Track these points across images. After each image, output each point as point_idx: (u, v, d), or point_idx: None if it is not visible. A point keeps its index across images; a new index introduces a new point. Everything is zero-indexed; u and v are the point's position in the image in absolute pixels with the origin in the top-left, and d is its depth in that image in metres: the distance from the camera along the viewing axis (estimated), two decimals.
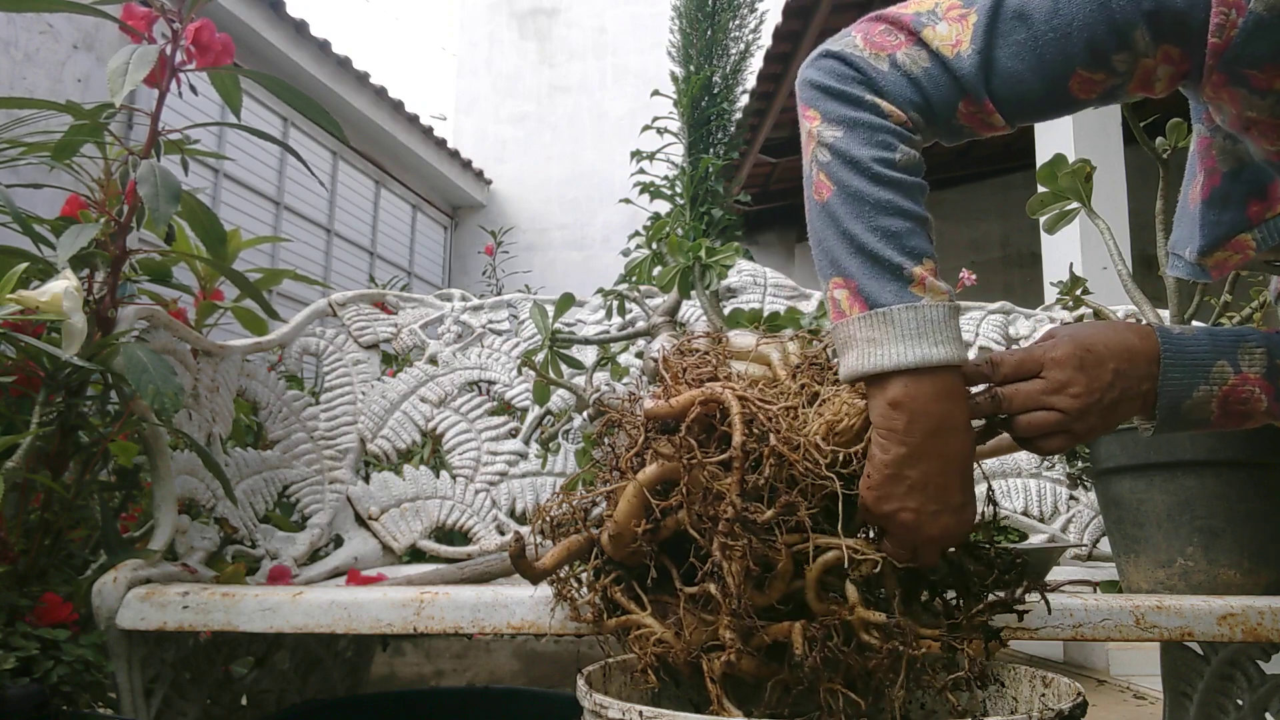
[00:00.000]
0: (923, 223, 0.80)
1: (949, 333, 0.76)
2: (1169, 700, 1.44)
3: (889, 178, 0.78)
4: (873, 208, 0.78)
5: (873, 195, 0.78)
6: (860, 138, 0.79)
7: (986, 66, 0.79)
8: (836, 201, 0.79)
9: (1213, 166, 0.91)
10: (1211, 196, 0.92)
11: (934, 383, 0.76)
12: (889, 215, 0.78)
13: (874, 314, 0.76)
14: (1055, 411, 0.79)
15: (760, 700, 0.82)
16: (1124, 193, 3.67)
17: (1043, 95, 0.80)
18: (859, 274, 0.78)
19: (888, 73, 0.81)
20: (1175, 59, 0.76)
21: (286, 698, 1.54)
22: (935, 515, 0.77)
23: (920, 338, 0.75)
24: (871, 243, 0.77)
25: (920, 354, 0.75)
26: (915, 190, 0.80)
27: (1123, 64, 0.77)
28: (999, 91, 0.80)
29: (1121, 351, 0.80)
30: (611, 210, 8.33)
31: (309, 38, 6.15)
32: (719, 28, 2.04)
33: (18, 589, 1.09)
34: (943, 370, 0.76)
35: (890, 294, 0.76)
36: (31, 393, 1.16)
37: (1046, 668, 0.89)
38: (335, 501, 1.67)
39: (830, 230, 0.80)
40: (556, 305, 1.76)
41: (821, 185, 0.81)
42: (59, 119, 1.23)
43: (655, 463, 0.83)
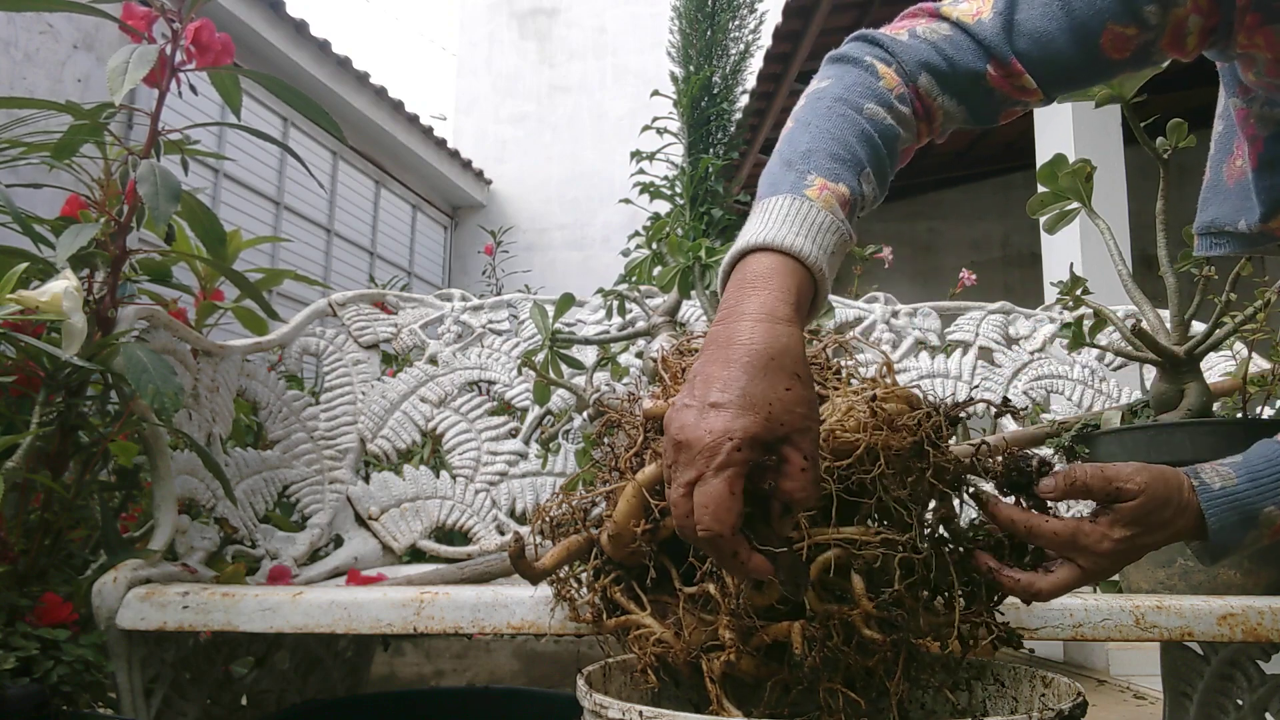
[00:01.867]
0: (854, 163, 0.75)
1: (810, 230, 0.70)
2: (1169, 700, 1.44)
3: (842, 112, 0.76)
4: (813, 132, 0.75)
5: (819, 123, 0.76)
6: (840, 85, 0.78)
7: (1009, 27, 0.79)
8: (788, 131, 0.78)
9: (1254, 134, 0.91)
10: (1261, 163, 0.91)
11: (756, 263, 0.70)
12: (823, 138, 0.75)
13: (759, 203, 0.73)
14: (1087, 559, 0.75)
15: (760, 700, 0.82)
16: (1124, 193, 3.67)
17: (1074, 54, 0.79)
18: (764, 182, 0.75)
19: (904, 40, 0.81)
20: (1205, 8, 0.76)
21: (286, 698, 1.54)
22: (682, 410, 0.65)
23: (781, 223, 0.70)
24: (790, 155, 0.75)
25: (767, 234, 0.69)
26: (864, 136, 0.77)
27: (1154, 15, 0.76)
28: (1028, 52, 0.79)
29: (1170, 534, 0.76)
30: (611, 210, 8.33)
31: (309, 38, 6.15)
32: (719, 28, 2.04)
33: (18, 589, 1.09)
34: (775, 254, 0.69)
35: (785, 188, 0.72)
36: (31, 393, 1.16)
37: (1046, 668, 0.89)
38: (335, 501, 1.67)
39: (774, 158, 0.77)
40: (556, 305, 1.76)
41: (786, 125, 0.79)
42: (59, 119, 1.23)
43: (654, 463, 0.83)
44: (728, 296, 0.69)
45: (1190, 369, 1.17)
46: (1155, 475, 0.76)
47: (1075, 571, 0.76)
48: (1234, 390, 1.31)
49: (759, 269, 0.69)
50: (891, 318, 1.91)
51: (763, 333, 0.65)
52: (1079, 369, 1.84)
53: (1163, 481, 0.76)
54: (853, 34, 0.86)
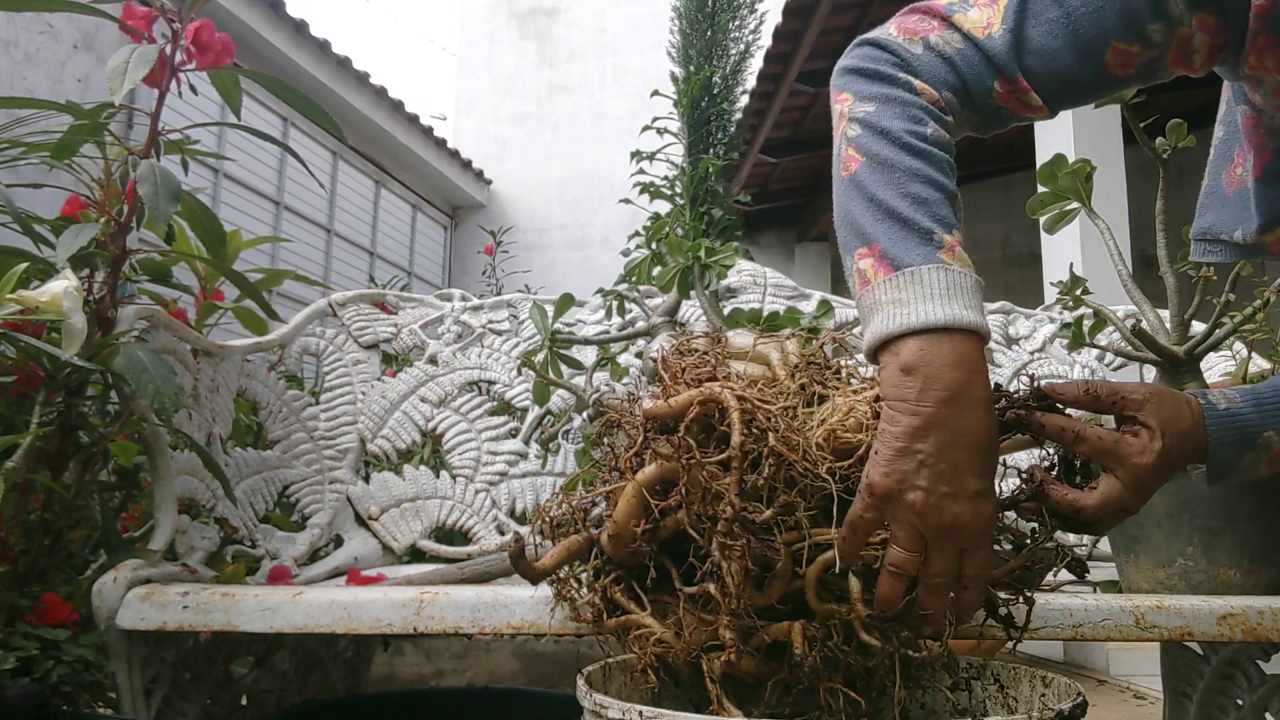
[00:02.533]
0: (952, 198, 0.77)
1: (976, 301, 0.73)
2: (1169, 700, 1.44)
3: (920, 148, 0.77)
4: (903, 174, 0.76)
5: (903, 163, 0.76)
6: (892, 111, 0.79)
7: (1018, 44, 0.79)
8: (865, 171, 0.78)
9: (1262, 144, 0.91)
10: (1265, 174, 0.91)
11: (952, 346, 0.71)
12: (919, 183, 0.76)
13: (901, 274, 0.73)
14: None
15: (760, 700, 0.82)
16: (1124, 193, 3.67)
17: (1079, 71, 0.80)
18: (885, 239, 0.75)
19: (921, 54, 0.82)
20: (1211, 28, 0.76)
21: (286, 698, 1.54)
22: (946, 499, 0.71)
23: (949, 299, 0.72)
24: (901, 208, 0.75)
25: (948, 313, 0.71)
26: (946, 165, 0.78)
27: (1158, 34, 0.77)
28: (1034, 69, 0.80)
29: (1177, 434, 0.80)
30: (611, 210, 8.33)
31: (309, 38, 6.15)
32: (719, 28, 2.04)
33: (18, 589, 1.09)
34: (963, 334, 0.72)
35: (919, 256, 0.73)
36: (31, 393, 1.16)
37: (1046, 668, 0.89)
38: (335, 501, 1.67)
39: (857, 200, 0.78)
40: (556, 305, 1.76)
41: (850, 159, 0.79)
42: (59, 119, 1.23)
43: (654, 463, 0.83)
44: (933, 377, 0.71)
45: (1190, 369, 1.17)
46: (1156, 387, 0.82)
47: (1116, 485, 0.79)
48: None
49: (960, 353, 0.72)
50: None
51: (991, 422, 0.72)
52: (1079, 369, 1.84)
53: (1167, 393, 0.82)
54: (861, 40, 0.86)
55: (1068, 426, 0.80)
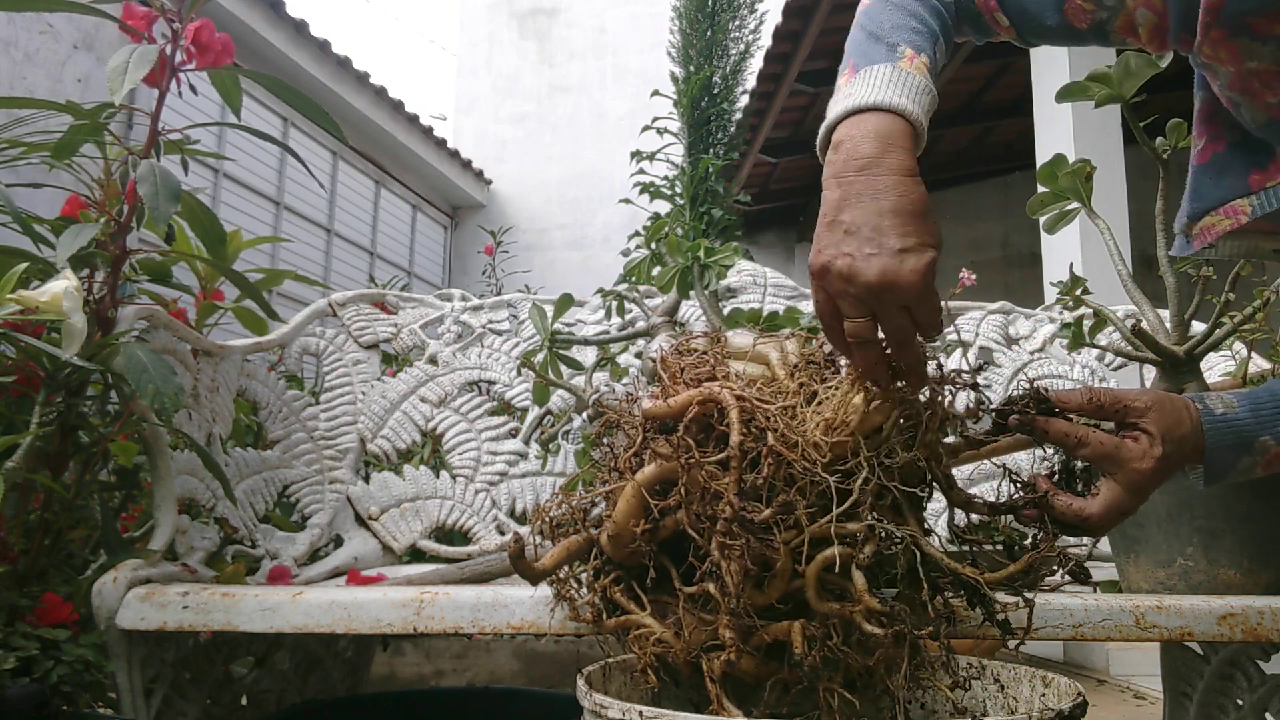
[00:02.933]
0: (934, 36, 0.83)
1: (914, 94, 0.77)
2: (1169, 700, 1.44)
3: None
4: (891, 8, 0.83)
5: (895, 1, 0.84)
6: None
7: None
8: (862, 12, 0.86)
9: (1216, 132, 0.92)
10: (1211, 160, 0.93)
11: (875, 122, 0.75)
12: (902, 14, 0.82)
13: (857, 73, 0.79)
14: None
15: (760, 700, 0.82)
16: (1124, 193, 3.67)
17: (1041, 9, 0.85)
18: (858, 54, 0.81)
19: None
20: (1155, 7, 0.81)
21: (286, 698, 1.54)
22: (869, 259, 0.73)
23: (885, 87, 0.77)
24: (879, 30, 0.82)
25: (875, 96, 0.76)
26: (935, 11, 0.84)
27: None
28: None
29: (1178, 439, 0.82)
30: (611, 210, 8.32)
31: (309, 38, 6.15)
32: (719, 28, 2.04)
33: (18, 589, 1.09)
34: (887, 113, 0.76)
35: (876, 60, 0.79)
36: (31, 393, 1.16)
37: (1046, 668, 0.89)
38: (335, 501, 1.67)
39: (852, 33, 0.84)
40: (556, 305, 1.76)
41: (860, 8, 0.87)
42: (59, 119, 1.23)
43: (654, 463, 0.83)
44: (854, 149, 0.75)
45: (1190, 369, 1.17)
46: (1158, 394, 0.83)
47: (1117, 490, 0.80)
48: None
49: (881, 127, 0.75)
50: None
51: (912, 187, 0.74)
52: (1079, 369, 1.84)
53: (1168, 399, 0.83)
54: None
55: (1070, 432, 0.82)
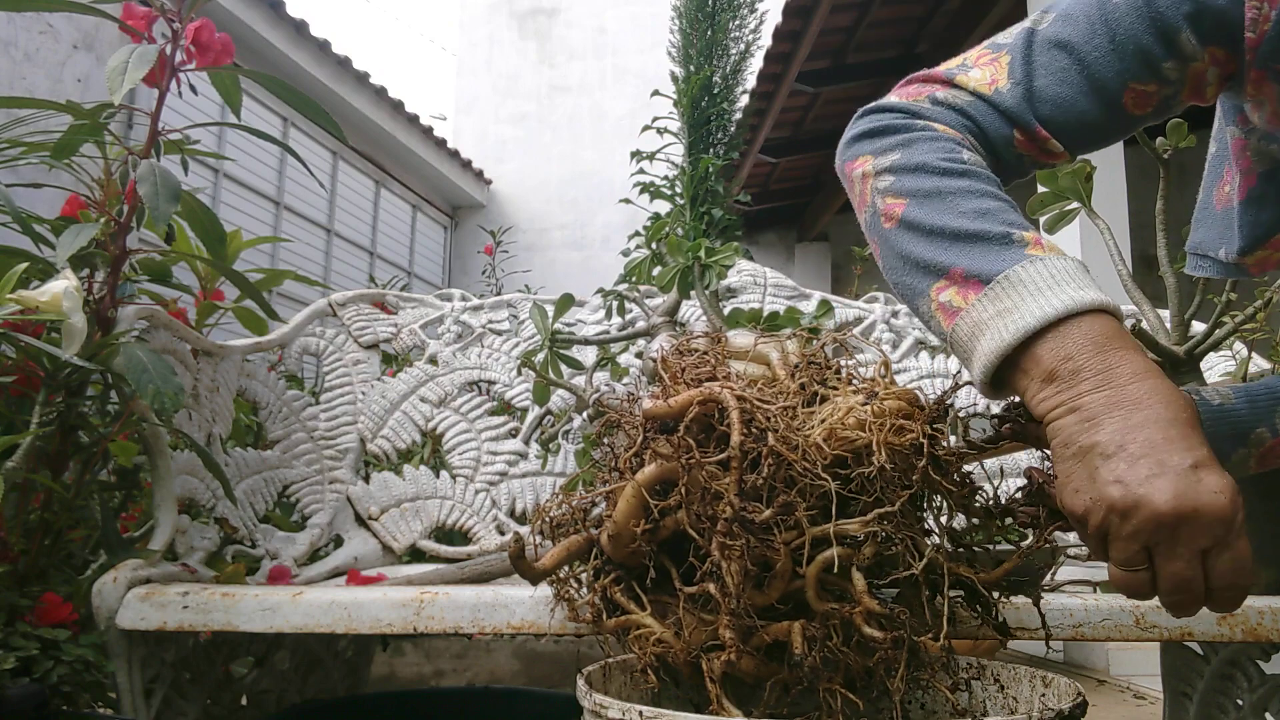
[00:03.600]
0: (1013, 208, 0.72)
1: (1089, 280, 0.65)
2: (1169, 700, 1.44)
3: (962, 169, 0.72)
4: (956, 195, 0.71)
5: (951, 185, 0.71)
6: (921, 148, 0.75)
7: (1029, 96, 0.77)
8: (912, 209, 0.72)
9: (1248, 167, 0.91)
10: (1249, 197, 0.92)
11: (1089, 328, 0.62)
12: (976, 198, 0.70)
13: (996, 283, 0.65)
14: None
15: (760, 700, 0.82)
16: (1124, 193, 3.67)
17: (1097, 115, 0.77)
18: (963, 259, 0.68)
19: (931, 108, 0.79)
20: (1222, 60, 0.75)
21: (286, 698, 1.54)
22: (1152, 480, 0.59)
23: (1058, 285, 0.64)
24: (967, 225, 0.69)
25: (1065, 299, 0.63)
26: (993, 182, 0.73)
27: (1173, 71, 0.75)
28: (1051, 117, 0.77)
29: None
30: (611, 210, 8.33)
31: (309, 38, 6.15)
32: (719, 28, 2.04)
33: (18, 589, 1.09)
34: (1092, 315, 0.63)
35: (1008, 260, 0.66)
36: (31, 393, 1.16)
37: (1046, 668, 0.89)
38: (335, 501, 1.67)
39: (913, 239, 0.71)
40: (556, 305, 1.76)
41: (890, 207, 0.74)
42: (59, 119, 1.23)
43: (654, 463, 0.83)
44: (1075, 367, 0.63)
45: (1190, 369, 1.17)
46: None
47: None
48: None
49: (1092, 331, 0.63)
50: (891, 317, 1.91)
51: (1171, 388, 0.62)
52: None
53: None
54: (863, 110, 0.83)
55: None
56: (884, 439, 0.77)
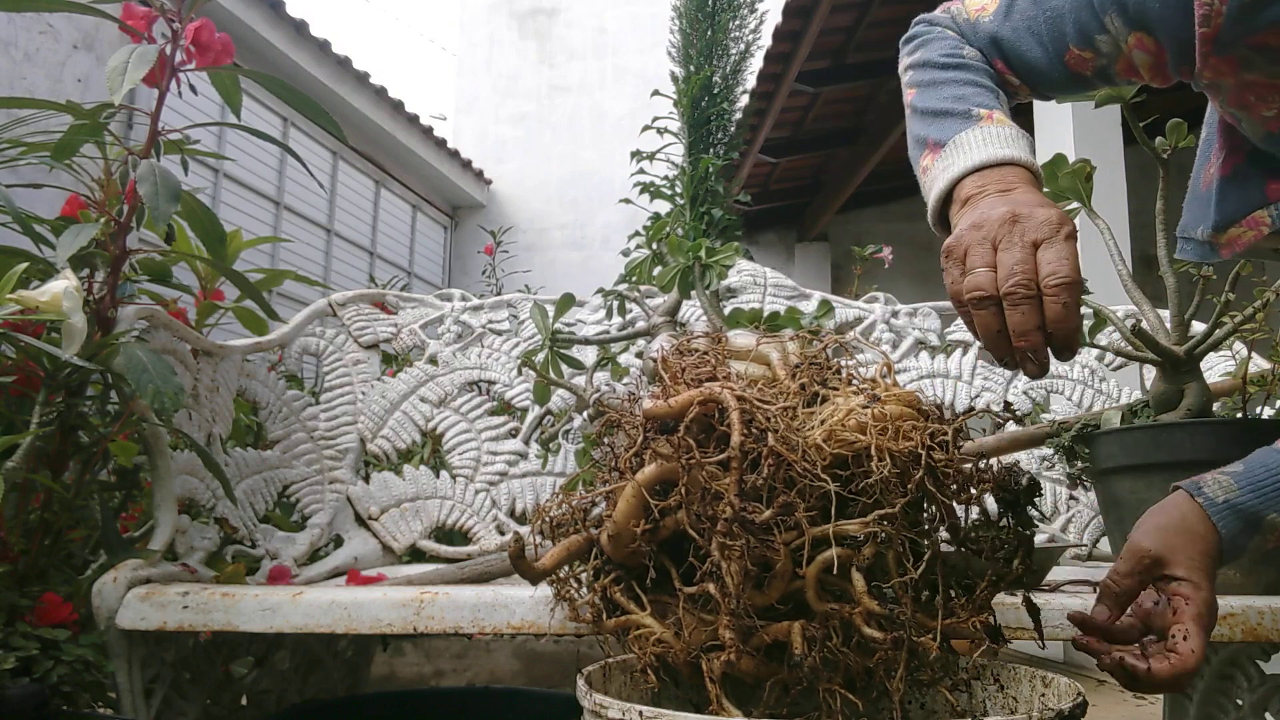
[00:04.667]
0: (993, 93, 0.87)
1: (1018, 143, 0.80)
2: (1169, 700, 1.44)
3: (957, 62, 0.89)
4: (944, 84, 0.88)
5: (942, 76, 0.89)
6: (930, 46, 0.93)
7: (996, 35, 0.90)
8: (916, 96, 0.90)
9: (1238, 144, 0.93)
10: (1232, 173, 0.93)
11: (1004, 172, 0.78)
12: (957, 85, 0.87)
13: (948, 145, 0.82)
14: None
15: (760, 700, 0.82)
16: (1124, 193, 3.67)
17: (1045, 67, 0.89)
18: (934, 131, 0.85)
19: (945, 18, 0.97)
20: (1149, 48, 0.83)
21: (286, 698, 1.54)
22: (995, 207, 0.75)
23: (987, 145, 0.80)
24: (943, 106, 0.86)
25: (987, 153, 0.79)
26: (985, 73, 0.89)
27: (1105, 45, 0.86)
28: (1010, 57, 0.90)
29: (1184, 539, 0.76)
30: (611, 210, 8.32)
31: (309, 38, 6.14)
32: (719, 28, 2.04)
33: (18, 589, 1.09)
34: (1007, 167, 0.78)
35: (962, 129, 0.82)
36: (31, 393, 1.16)
37: (1046, 668, 0.89)
38: (335, 501, 1.67)
39: (914, 120, 0.89)
40: (556, 305, 1.76)
41: (908, 96, 0.92)
42: (59, 119, 1.23)
43: (654, 463, 0.83)
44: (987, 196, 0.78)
45: (1190, 369, 1.17)
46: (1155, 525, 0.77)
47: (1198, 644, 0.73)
48: (1234, 390, 1.31)
49: (1001, 177, 0.78)
50: (892, 318, 1.91)
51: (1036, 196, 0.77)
52: (1079, 369, 1.84)
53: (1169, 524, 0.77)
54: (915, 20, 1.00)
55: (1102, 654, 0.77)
56: (884, 444, 0.77)
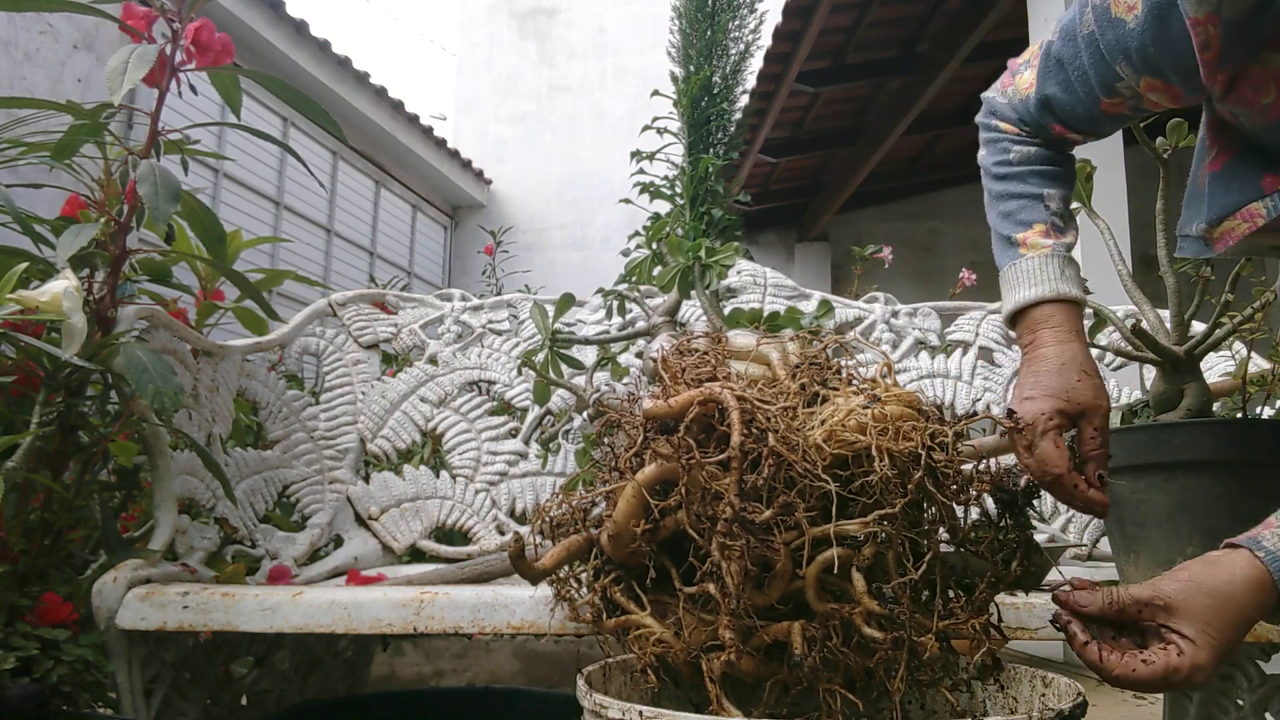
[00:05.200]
0: (1036, 198, 0.99)
1: (1042, 276, 0.96)
2: (1169, 700, 1.44)
3: (1004, 173, 1.02)
4: (995, 199, 1.03)
5: (995, 189, 1.03)
6: (986, 151, 1.06)
7: (1044, 101, 1.00)
8: (986, 202, 1.06)
9: (1229, 140, 0.95)
10: (1224, 169, 0.94)
11: (1033, 313, 0.95)
12: (1005, 200, 1.01)
13: (1001, 274, 1.00)
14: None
15: (760, 700, 0.82)
16: (1124, 193, 3.67)
17: (1091, 115, 0.98)
18: (995, 250, 1.02)
19: (1002, 104, 1.06)
20: (1159, 87, 0.90)
21: (286, 698, 1.54)
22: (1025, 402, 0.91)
23: (1018, 287, 0.97)
24: (997, 225, 1.02)
25: (1021, 297, 0.96)
26: (1029, 175, 1.01)
27: (1126, 90, 0.93)
28: (1060, 117, 1.00)
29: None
30: (611, 210, 8.32)
31: (309, 38, 6.14)
32: (719, 28, 2.04)
33: (18, 589, 1.09)
34: (1026, 309, 0.96)
35: (1008, 258, 0.99)
36: (31, 393, 1.16)
37: (1046, 668, 0.89)
38: (335, 501, 1.67)
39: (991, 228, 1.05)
40: (556, 305, 1.76)
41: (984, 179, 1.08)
42: (59, 119, 1.23)
43: (654, 463, 0.83)
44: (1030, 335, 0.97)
45: (1190, 369, 1.17)
46: (1191, 576, 0.77)
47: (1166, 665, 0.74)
48: (1234, 390, 1.31)
49: (1030, 319, 0.96)
50: (892, 318, 1.91)
51: (1053, 348, 0.93)
52: None
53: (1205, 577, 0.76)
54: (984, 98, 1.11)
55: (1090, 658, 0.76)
56: (884, 445, 0.77)
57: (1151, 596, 0.76)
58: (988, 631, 0.82)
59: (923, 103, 5.21)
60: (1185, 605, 0.75)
